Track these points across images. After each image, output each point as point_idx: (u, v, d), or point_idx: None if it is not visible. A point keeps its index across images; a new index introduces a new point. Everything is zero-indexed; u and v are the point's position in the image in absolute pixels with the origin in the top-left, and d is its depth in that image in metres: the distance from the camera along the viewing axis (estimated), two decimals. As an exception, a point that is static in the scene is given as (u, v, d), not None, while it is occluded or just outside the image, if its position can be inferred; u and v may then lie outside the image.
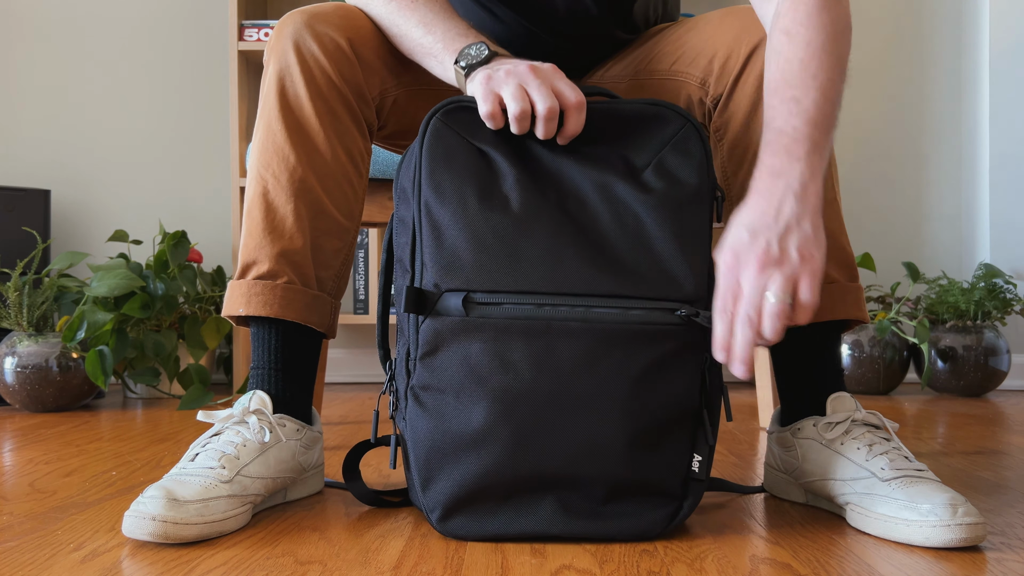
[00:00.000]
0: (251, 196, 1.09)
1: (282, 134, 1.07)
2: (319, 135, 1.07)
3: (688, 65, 1.14)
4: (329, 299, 1.11)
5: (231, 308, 1.08)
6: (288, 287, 1.07)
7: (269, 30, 2.31)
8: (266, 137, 1.08)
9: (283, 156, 1.07)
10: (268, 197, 1.07)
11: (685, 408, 0.92)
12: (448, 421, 0.90)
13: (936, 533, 0.88)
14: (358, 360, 2.66)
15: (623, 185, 0.93)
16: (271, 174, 1.07)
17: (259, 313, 1.06)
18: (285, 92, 1.08)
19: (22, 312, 2.03)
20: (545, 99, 0.92)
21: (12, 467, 1.34)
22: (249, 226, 1.08)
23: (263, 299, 1.06)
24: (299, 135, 1.07)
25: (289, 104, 1.07)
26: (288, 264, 1.07)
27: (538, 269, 0.90)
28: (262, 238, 1.07)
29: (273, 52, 1.09)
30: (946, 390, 2.35)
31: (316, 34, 1.07)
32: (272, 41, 1.10)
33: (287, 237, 1.07)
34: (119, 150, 2.62)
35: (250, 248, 1.08)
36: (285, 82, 1.08)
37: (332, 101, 1.08)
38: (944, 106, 2.62)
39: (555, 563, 0.85)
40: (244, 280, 1.07)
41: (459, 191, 0.91)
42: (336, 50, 1.07)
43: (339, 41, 1.07)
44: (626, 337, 0.89)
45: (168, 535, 0.88)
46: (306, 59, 1.07)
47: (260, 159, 1.08)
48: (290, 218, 1.07)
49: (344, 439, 1.58)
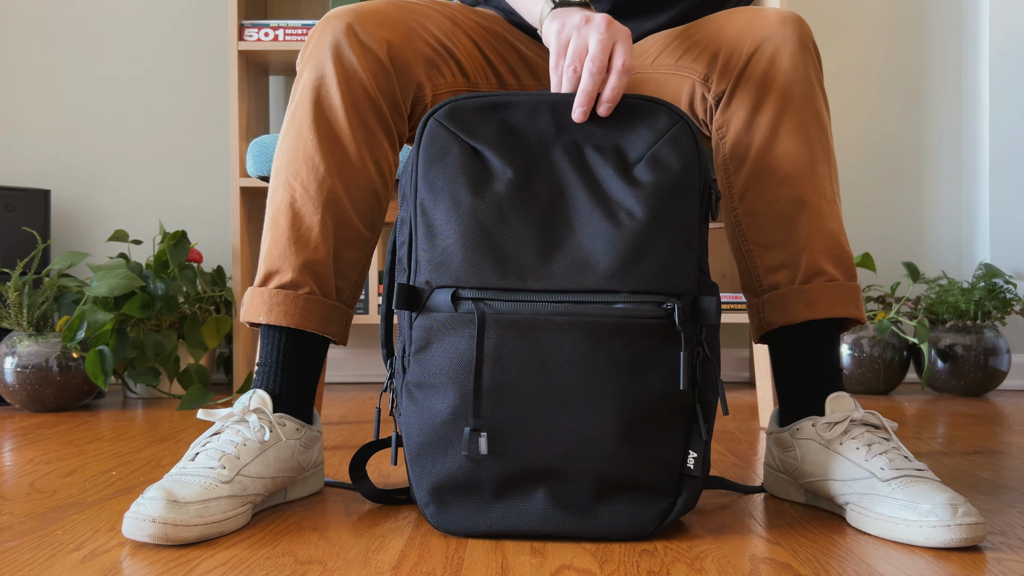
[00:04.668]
0: (278, 204, 1.08)
1: (313, 143, 1.07)
2: (351, 146, 1.07)
3: (693, 61, 1.15)
4: (345, 309, 1.12)
5: (251, 315, 1.08)
6: (309, 298, 1.07)
7: (269, 30, 2.31)
8: (296, 145, 1.08)
9: (313, 166, 1.07)
10: (296, 207, 1.07)
11: (677, 403, 0.92)
12: (436, 415, 0.91)
13: (936, 533, 0.88)
14: (358, 360, 2.66)
15: (616, 181, 0.93)
16: (300, 183, 1.07)
17: (280, 323, 1.06)
18: (320, 101, 1.07)
19: (22, 312, 2.03)
20: (592, 76, 0.96)
21: (12, 467, 1.34)
22: (274, 234, 1.08)
23: (284, 309, 1.06)
24: (331, 145, 1.07)
25: (324, 114, 1.07)
26: (311, 275, 1.07)
27: (526, 266, 0.90)
28: (287, 247, 1.07)
29: (311, 59, 1.08)
30: (946, 390, 2.35)
31: (357, 43, 1.07)
32: (311, 47, 1.09)
33: (312, 248, 1.07)
34: (119, 150, 2.62)
35: (274, 256, 1.08)
36: (321, 91, 1.07)
37: (366, 113, 1.08)
38: (944, 106, 2.62)
39: (555, 563, 0.85)
40: (266, 288, 1.08)
41: (451, 189, 0.92)
42: (375, 62, 1.07)
43: (378, 52, 1.07)
44: (613, 331, 0.89)
45: (168, 537, 0.88)
46: (345, 69, 1.06)
47: (289, 167, 1.08)
48: (316, 229, 1.07)
49: (344, 439, 1.58)
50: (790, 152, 1.09)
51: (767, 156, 1.09)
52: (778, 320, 1.10)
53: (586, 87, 0.95)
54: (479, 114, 0.96)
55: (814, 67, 1.10)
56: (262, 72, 2.51)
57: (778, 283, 1.10)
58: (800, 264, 1.09)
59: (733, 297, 2.42)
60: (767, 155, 1.09)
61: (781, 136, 1.09)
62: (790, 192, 1.09)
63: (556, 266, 0.90)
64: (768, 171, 1.09)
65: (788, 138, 1.09)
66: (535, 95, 0.97)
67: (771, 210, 1.10)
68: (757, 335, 1.14)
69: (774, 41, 1.08)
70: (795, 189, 1.09)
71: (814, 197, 1.09)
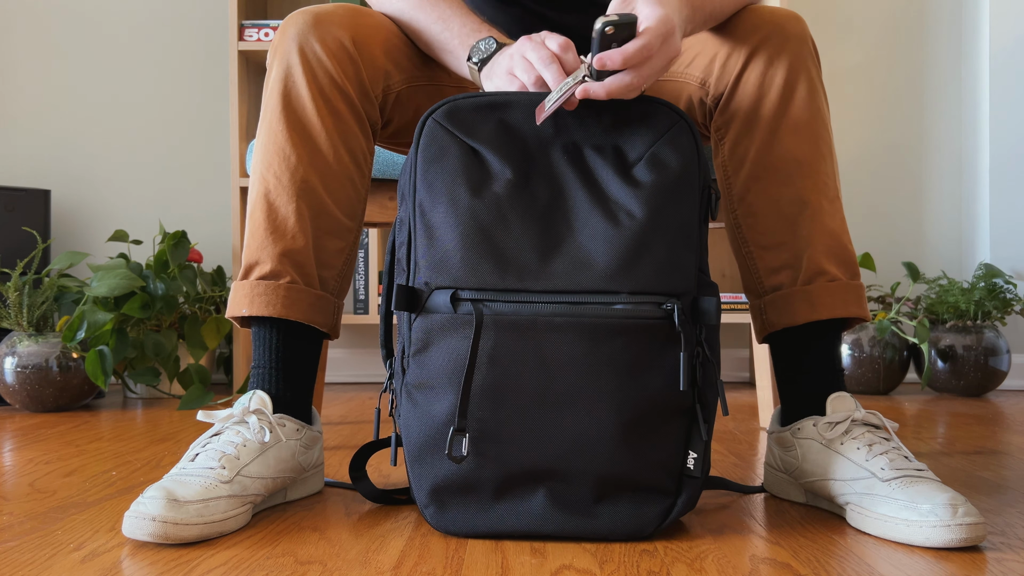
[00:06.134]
0: (253, 197, 1.09)
1: (283, 134, 1.07)
2: (321, 135, 1.08)
3: (687, 66, 1.15)
4: (332, 299, 1.11)
5: (235, 309, 1.08)
6: (291, 287, 1.07)
7: (269, 30, 2.31)
8: (268, 138, 1.08)
9: (284, 156, 1.07)
10: (270, 197, 1.08)
11: (676, 403, 0.92)
12: (436, 417, 0.91)
13: (936, 533, 0.88)
14: (358, 360, 2.66)
15: (616, 180, 0.93)
16: (273, 174, 1.08)
17: (263, 313, 1.06)
18: (288, 92, 1.08)
19: (22, 312, 2.03)
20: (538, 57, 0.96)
21: (12, 467, 1.34)
22: (252, 227, 1.08)
23: (266, 299, 1.06)
24: (301, 135, 1.07)
25: (292, 104, 1.08)
26: (291, 264, 1.07)
27: (525, 266, 0.90)
28: (264, 238, 1.07)
29: (276, 53, 1.09)
30: (946, 390, 2.35)
31: (320, 34, 1.07)
32: (276, 42, 1.10)
33: (289, 237, 1.07)
34: (119, 150, 2.62)
35: (252, 249, 1.08)
36: (288, 82, 1.08)
37: (335, 101, 1.08)
38: (944, 106, 2.62)
39: (555, 563, 0.85)
40: (247, 281, 1.08)
41: (450, 190, 0.92)
42: (340, 49, 1.08)
43: (343, 40, 1.08)
44: (613, 331, 0.89)
45: (168, 536, 0.88)
46: (309, 59, 1.07)
47: (262, 160, 1.09)
48: (292, 218, 1.07)
49: (344, 439, 1.58)
50: (790, 152, 1.09)
51: (767, 156, 1.09)
52: (781, 321, 1.10)
53: (553, 77, 0.95)
54: (478, 113, 0.96)
55: (814, 66, 1.10)
56: (262, 72, 2.51)
57: (780, 284, 1.10)
58: (801, 265, 1.09)
59: (733, 297, 2.42)
60: (767, 155, 1.09)
61: (781, 136, 1.08)
62: (791, 192, 1.09)
63: (555, 267, 0.90)
64: (768, 171, 1.09)
65: (788, 138, 1.08)
66: (534, 94, 0.97)
67: (772, 210, 1.10)
68: (760, 336, 1.14)
69: (774, 42, 1.08)
70: (796, 189, 1.09)
71: (815, 196, 1.09)
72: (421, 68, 1.16)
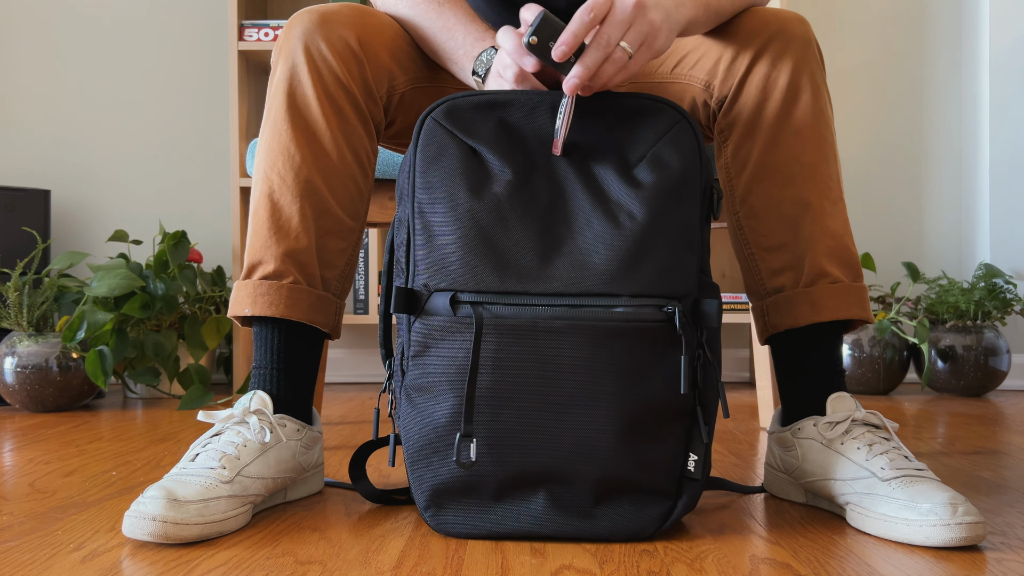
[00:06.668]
0: (257, 196, 1.09)
1: (288, 134, 1.07)
2: (326, 135, 1.08)
3: (691, 68, 1.14)
4: (334, 299, 1.11)
5: (237, 308, 1.08)
6: (294, 287, 1.07)
7: (269, 30, 2.31)
8: (272, 137, 1.08)
9: (289, 156, 1.07)
10: (274, 197, 1.07)
11: (677, 406, 0.92)
12: (435, 420, 0.91)
13: (936, 532, 0.88)
14: (358, 360, 2.66)
15: (617, 182, 0.93)
16: (277, 174, 1.07)
17: (265, 313, 1.06)
18: (292, 92, 1.07)
19: (22, 312, 2.03)
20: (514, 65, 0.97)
21: (12, 467, 1.34)
22: (255, 226, 1.08)
23: (269, 299, 1.06)
24: (305, 135, 1.07)
25: (296, 104, 1.07)
26: (294, 264, 1.07)
27: (525, 268, 0.90)
28: (268, 238, 1.07)
29: (281, 52, 1.09)
30: (946, 390, 2.35)
31: (325, 33, 1.07)
32: (280, 41, 1.10)
33: (292, 237, 1.07)
34: (119, 150, 2.62)
35: (256, 248, 1.08)
36: (293, 82, 1.07)
37: (340, 101, 1.08)
38: (944, 106, 2.62)
39: (555, 563, 0.85)
40: (250, 280, 1.08)
41: (449, 190, 0.92)
42: (345, 48, 1.07)
43: (348, 39, 1.08)
44: (614, 334, 0.89)
45: (168, 535, 0.88)
46: (314, 59, 1.07)
47: (266, 159, 1.08)
48: (295, 218, 1.07)
49: (344, 439, 1.58)
50: (793, 154, 1.08)
51: (770, 158, 1.09)
52: (783, 323, 1.10)
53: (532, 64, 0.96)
54: (477, 113, 0.96)
55: (818, 68, 1.10)
56: (262, 72, 2.51)
57: (782, 286, 1.10)
58: (803, 266, 1.09)
59: (734, 297, 2.42)
60: (770, 157, 1.09)
61: (784, 138, 1.08)
62: (793, 193, 1.09)
63: (556, 268, 0.90)
64: (771, 173, 1.09)
65: (791, 140, 1.08)
66: (534, 94, 0.97)
67: (774, 212, 1.09)
68: (762, 337, 1.13)
69: (778, 44, 1.07)
70: (798, 190, 1.09)
71: (817, 198, 1.09)
72: (425, 69, 1.16)
